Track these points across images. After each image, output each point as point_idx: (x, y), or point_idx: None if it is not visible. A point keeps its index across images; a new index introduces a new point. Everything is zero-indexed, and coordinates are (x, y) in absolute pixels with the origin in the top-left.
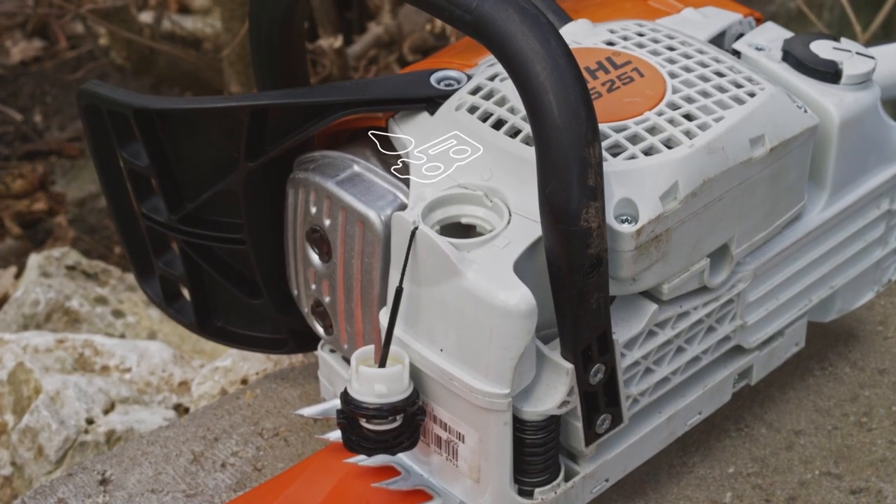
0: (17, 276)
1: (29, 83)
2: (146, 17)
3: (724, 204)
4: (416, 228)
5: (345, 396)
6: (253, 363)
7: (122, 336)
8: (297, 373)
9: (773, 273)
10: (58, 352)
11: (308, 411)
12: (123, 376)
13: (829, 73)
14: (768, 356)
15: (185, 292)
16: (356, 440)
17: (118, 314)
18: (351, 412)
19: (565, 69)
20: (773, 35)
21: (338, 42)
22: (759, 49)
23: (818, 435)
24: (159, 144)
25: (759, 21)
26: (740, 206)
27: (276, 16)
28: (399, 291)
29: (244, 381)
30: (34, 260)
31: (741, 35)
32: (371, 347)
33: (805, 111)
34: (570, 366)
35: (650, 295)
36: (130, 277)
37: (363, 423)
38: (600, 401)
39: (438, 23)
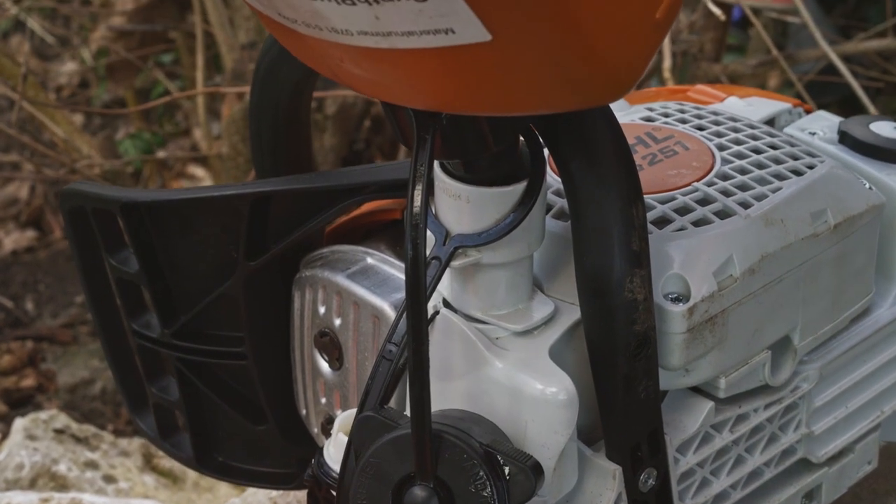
0: (1, 441)
1: (21, 272)
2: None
3: (785, 286)
4: (436, 313)
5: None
6: None
7: None
8: None
9: (840, 375)
10: None
11: None
12: None
13: (893, 152)
14: (838, 474)
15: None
16: None
17: (109, 479)
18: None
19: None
20: (826, 122)
21: None
22: (812, 134)
23: None
24: (150, 246)
25: (808, 112)
26: (803, 291)
27: (282, 100)
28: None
29: None
30: (19, 423)
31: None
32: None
33: (870, 188)
34: (616, 468)
35: (704, 392)
36: (123, 442)
37: None
38: None
39: None
